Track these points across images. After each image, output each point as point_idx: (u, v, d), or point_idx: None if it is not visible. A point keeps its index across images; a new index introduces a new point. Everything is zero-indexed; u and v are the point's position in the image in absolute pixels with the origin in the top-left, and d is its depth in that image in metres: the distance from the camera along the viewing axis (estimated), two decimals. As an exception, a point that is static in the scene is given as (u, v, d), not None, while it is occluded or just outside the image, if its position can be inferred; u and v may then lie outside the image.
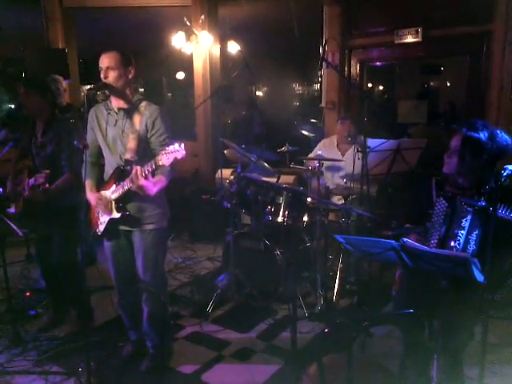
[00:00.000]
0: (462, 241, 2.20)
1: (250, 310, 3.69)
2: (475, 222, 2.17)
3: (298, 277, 3.92)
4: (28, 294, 4.00)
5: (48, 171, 3.08)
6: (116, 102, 2.69)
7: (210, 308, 3.67)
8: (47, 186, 3.08)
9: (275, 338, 3.32)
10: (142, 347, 3.05)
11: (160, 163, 2.38)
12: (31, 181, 3.16)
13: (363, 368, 2.14)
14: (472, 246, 2.17)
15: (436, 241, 2.29)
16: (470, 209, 2.18)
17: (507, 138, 2.25)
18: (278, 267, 3.65)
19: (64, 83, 4.32)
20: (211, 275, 4.40)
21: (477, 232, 2.16)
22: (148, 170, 2.45)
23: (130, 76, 2.66)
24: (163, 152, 2.36)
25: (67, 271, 3.31)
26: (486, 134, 2.21)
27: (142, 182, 2.46)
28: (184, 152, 2.36)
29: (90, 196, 2.78)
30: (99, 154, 2.85)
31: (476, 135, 2.20)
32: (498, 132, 2.24)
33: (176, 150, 2.34)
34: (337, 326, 3.34)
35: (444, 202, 2.28)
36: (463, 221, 2.20)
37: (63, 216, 3.19)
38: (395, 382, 2.49)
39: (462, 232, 2.19)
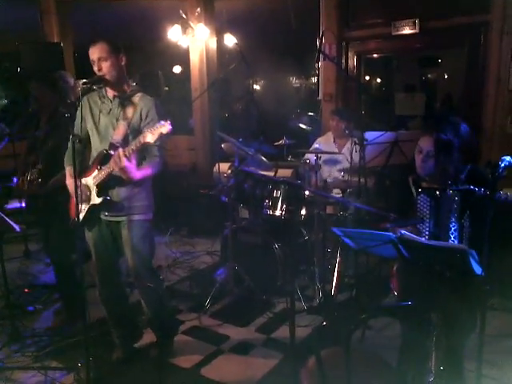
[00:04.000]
0: (456, 227, 2.25)
1: (249, 304, 3.69)
2: (463, 206, 2.23)
3: (296, 270, 3.92)
4: (26, 290, 4.01)
5: (40, 166, 3.14)
6: (111, 91, 2.67)
7: (208, 302, 3.67)
8: (39, 180, 3.15)
9: (274, 331, 3.32)
10: (128, 352, 3.00)
11: (145, 140, 2.34)
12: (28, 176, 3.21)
13: (361, 361, 2.13)
14: (467, 230, 2.23)
15: (427, 235, 2.33)
16: (456, 194, 2.23)
17: (466, 127, 2.33)
18: (276, 261, 3.65)
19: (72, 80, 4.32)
20: (210, 269, 4.41)
21: (468, 214, 2.22)
22: (132, 150, 2.41)
23: (123, 63, 2.63)
24: (148, 130, 2.34)
25: (62, 268, 3.31)
26: (452, 132, 2.28)
27: (125, 163, 2.42)
28: (170, 127, 2.32)
29: (69, 182, 2.70)
30: (86, 142, 2.78)
31: (446, 137, 2.27)
32: (459, 124, 2.32)
33: (161, 125, 2.31)
34: (335, 319, 3.35)
35: (426, 196, 2.33)
36: (451, 209, 2.25)
37: (60, 210, 3.18)
38: (394, 375, 2.49)
39: (453, 219, 2.24)
